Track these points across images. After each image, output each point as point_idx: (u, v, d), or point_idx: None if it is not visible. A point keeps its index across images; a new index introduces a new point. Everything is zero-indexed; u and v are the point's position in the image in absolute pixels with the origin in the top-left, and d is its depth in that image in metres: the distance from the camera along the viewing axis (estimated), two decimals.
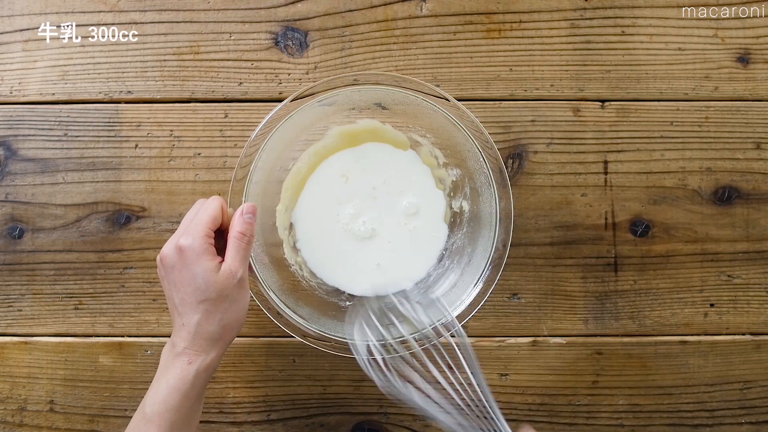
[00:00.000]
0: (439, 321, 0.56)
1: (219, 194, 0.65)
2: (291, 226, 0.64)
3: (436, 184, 0.64)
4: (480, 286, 0.58)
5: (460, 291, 0.60)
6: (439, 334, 0.56)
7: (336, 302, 0.63)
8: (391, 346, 0.56)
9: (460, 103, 0.58)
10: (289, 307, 0.59)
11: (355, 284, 0.64)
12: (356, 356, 0.54)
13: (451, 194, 0.64)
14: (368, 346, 0.55)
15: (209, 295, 0.50)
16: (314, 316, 0.60)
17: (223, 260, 0.52)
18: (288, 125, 0.58)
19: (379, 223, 0.63)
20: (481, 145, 0.58)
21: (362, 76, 0.59)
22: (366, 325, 0.56)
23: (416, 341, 0.56)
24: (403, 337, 0.56)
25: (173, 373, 0.51)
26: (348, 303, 0.63)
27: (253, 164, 0.58)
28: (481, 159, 0.59)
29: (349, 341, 0.56)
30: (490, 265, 0.58)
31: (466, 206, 0.63)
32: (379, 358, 0.54)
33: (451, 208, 0.64)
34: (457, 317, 0.58)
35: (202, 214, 0.52)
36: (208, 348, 0.51)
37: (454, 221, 0.64)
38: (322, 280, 0.64)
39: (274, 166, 0.62)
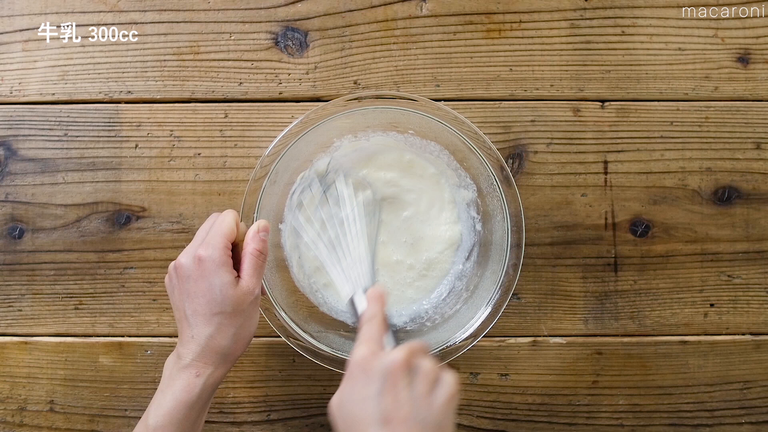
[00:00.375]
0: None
1: (219, 194, 0.65)
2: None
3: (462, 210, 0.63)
4: (489, 309, 0.58)
5: (470, 312, 0.59)
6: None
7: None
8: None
9: (475, 126, 0.58)
10: (298, 325, 0.59)
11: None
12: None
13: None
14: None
15: (225, 309, 0.50)
16: (322, 330, 0.60)
17: (239, 275, 0.52)
18: (305, 139, 0.58)
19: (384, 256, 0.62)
20: (493, 168, 0.58)
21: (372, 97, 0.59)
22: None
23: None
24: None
25: (179, 386, 0.50)
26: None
27: (273, 166, 0.58)
28: (494, 183, 0.58)
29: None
30: (499, 289, 0.58)
31: (479, 227, 0.63)
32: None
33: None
34: (466, 339, 0.58)
35: (220, 227, 0.52)
36: (217, 362, 0.51)
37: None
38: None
39: (293, 171, 0.62)
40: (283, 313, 0.58)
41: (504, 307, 0.58)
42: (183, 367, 0.50)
